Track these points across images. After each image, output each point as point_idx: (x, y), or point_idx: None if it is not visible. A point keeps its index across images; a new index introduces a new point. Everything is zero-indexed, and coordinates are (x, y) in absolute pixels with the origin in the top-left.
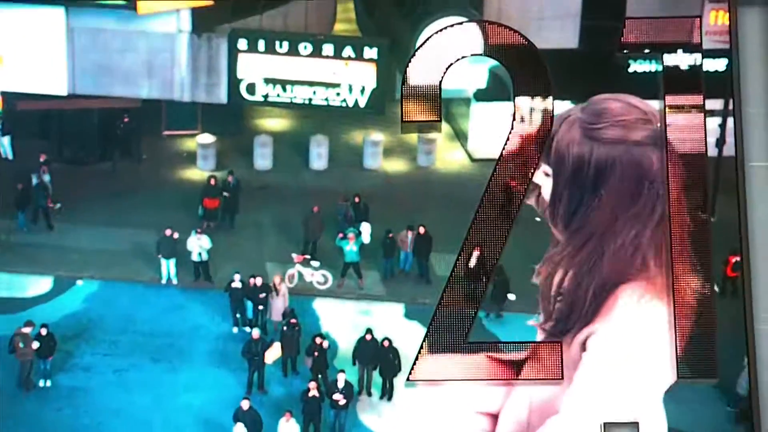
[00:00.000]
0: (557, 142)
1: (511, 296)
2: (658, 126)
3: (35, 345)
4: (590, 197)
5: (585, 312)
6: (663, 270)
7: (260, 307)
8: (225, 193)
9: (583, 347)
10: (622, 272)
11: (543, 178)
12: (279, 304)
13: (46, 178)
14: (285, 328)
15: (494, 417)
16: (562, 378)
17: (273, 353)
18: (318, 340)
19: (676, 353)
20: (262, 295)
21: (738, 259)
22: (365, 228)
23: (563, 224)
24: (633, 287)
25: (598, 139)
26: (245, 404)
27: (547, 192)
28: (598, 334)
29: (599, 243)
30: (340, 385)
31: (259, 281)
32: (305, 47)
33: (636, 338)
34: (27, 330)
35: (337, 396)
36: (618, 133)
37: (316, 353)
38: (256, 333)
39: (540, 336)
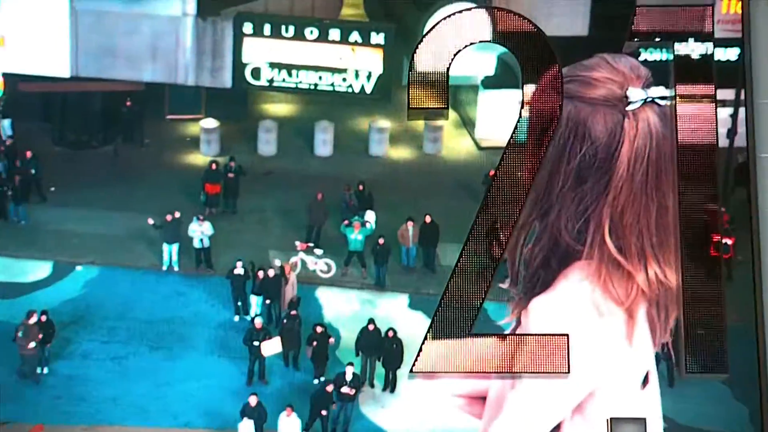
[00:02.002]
0: None
1: None
2: (627, 89)
3: (32, 344)
4: (538, 154)
5: (534, 277)
6: (609, 257)
7: (268, 302)
8: (230, 174)
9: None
10: (567, 243)
11: None
12: (288, 292)
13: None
14: (285, 321)
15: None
16: (569, 371)
17: (271, 347)
18: (318, 329)
19: (685, 348)
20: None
21: (725, 240)
22: (370, 216)
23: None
24: (581, 266)
25: (560, 93)
26: (253, 400)
27: None
28: (535, 301)
29: (545, 203)
30: (348, 377)
31: (271, 273)
32: (311, 32)
33: (563, 312)
34: (31, 321)
35: (345, 389)
36: (575, 87)
37: (315, 342)
38: (258, 322)
39: (512, 301)
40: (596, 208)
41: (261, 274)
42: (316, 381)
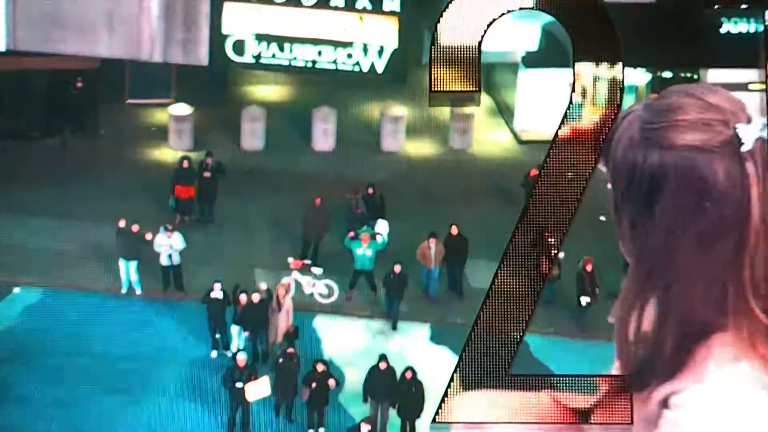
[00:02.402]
0: (614, 143)
1: (585, 299)
2: (736, 128)
3: None
4: (644, 215)
5: (667, 363)
6: (759, 324)
7: (246, 333)
8: (206, 173)
9: (665, 404)
10: (704, 318)
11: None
12: (282, 321)
13: None
14: (281, 360)
15: None
16: (632, 422)
17: (258, 389)
18: (320, 367)
19: None
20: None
21: None
22: (381, 227)
23: (627, 248)
24: (725, 341)
25: (654, 142)
26: None
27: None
28: (686, 392)
29: (664, 276)
30: None
31: (255, 298)
32: None
33: (733, 404)
34: None
35: None
36: (676, 135)
37: (314, 384)
38: (241, 358)
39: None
40: (733, 271)
41: (244, 298)
42: None
